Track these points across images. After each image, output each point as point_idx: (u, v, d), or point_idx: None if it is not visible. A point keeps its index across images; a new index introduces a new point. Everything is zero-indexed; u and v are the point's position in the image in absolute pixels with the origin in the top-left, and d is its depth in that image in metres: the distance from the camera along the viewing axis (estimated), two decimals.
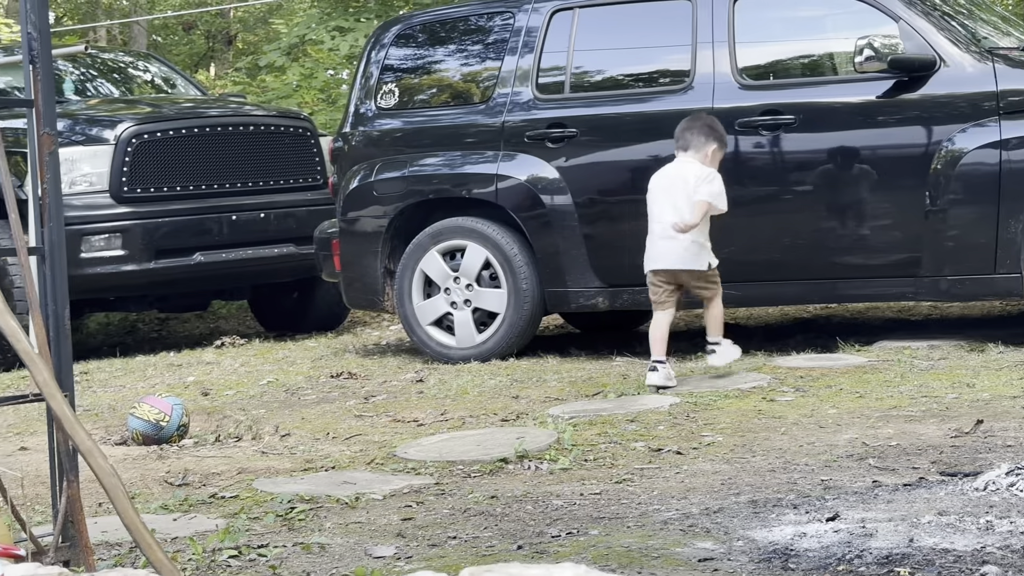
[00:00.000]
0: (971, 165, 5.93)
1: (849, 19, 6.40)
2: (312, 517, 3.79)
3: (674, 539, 3.30)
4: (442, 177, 7.00)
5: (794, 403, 5.07)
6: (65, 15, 22.03)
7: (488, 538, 3.45)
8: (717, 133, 5.75)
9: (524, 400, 5.58)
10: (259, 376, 6.85)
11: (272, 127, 8.64)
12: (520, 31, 6.95)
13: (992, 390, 5.02)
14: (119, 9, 21.44)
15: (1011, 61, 6.06)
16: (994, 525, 3.16)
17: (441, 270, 6.90)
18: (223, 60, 22.86)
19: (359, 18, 13.36)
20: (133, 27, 20.45)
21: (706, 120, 5.80)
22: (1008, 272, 5.93)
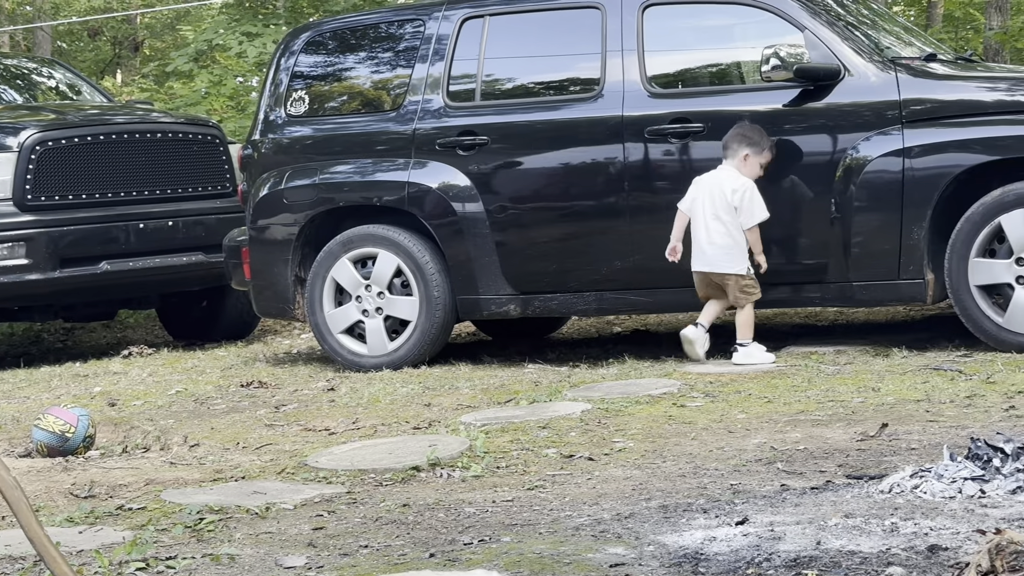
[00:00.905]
0: (875, 173, 6.04)
1: (756, 28, 6.48)
2: (222, 528, 3.75)
3: (586, 545, 3.31)
4: (353, 185, 6.97)
5: (704, 408, 5.12)
6: None
7: (400, 546, 3.44)
8: (749, 139, 6.12)
9: (436, 408, 5.57)
10: (167, 386, 6.76)
11: (180, 134, 8.55)
12: (431, 39, 6.95)
13: (896, 394, 5.11)
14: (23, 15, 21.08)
15: (913, 71, 6.18)
16: (899, 527, 3.22)
17: (352, 278, 6.87)
18: (130, 67, 22.58)
19: (268, 24, 13.27)
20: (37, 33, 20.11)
21: (740, 127, 6.15)
22: (912, 278, 6.04)
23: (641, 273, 6.45)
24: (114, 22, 21.25)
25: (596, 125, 6.52)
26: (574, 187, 6.57)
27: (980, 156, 5.91)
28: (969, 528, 3.15)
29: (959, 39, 15.94)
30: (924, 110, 6.04)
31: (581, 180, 6.55)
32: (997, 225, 5.86)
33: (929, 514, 3.32)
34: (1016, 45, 13.54)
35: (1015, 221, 5.81)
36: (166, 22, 22.58)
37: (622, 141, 6.45)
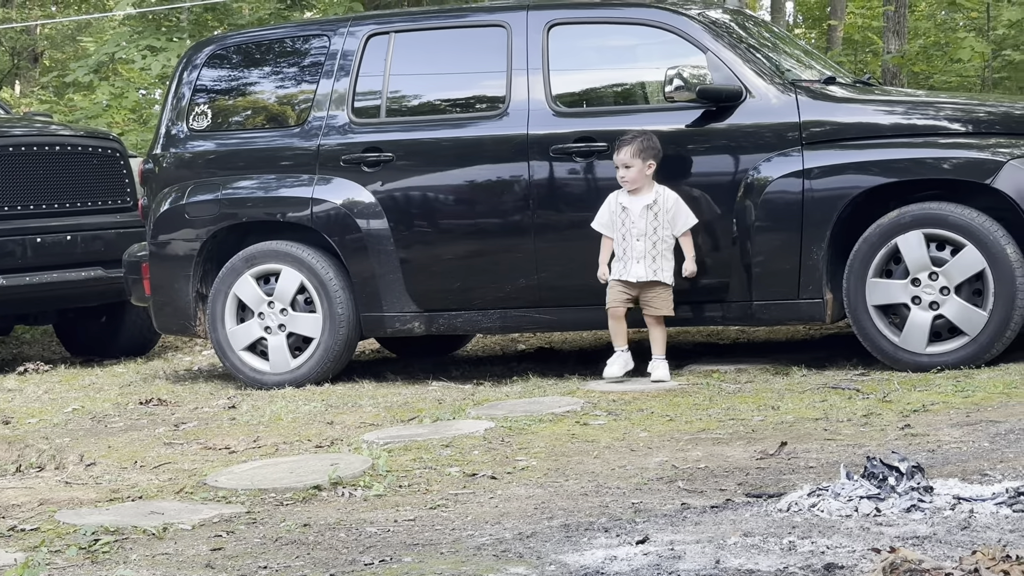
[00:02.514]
0: (775, 193, 6.12)
1: (660, 49, 6.54)
2: (117, 549, 3.68)
3: (487, 564, 3.30)
4: (256, 200, 6.91)
5: (607, 427, 5.14)
6: None
7: (299, 567, 3.40)
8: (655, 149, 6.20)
9: (339, 426, 5.53)
10: (64, 403, 6.64)
11: (79, 147, 8.41)
12: (336, 54, 6.92)
13: (796, 412, 5.17)
14: None
15: (813, 93, 6.27)
16: (796, 545, 3.25)
17: (255, 294, 6.80)
18: (29, 78, 22.19)
19: (171, 38, 13.12)
20: None
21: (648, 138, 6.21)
22: (811, 297, 6.12)
23: (546, 291, 6.47)
24: (13, 32, 20.87)
25: (501, 143, 6.54)
26: (479, 205, 6.58)
27: (878, 178, 6.02)
28: (864, 546, 3.19)
29: (858, 62, 16.26)
30: (823, 132, 6.14)
31: (486, 198, 6.56)
32: (894, 246, 5.96)
33: (826, 532, 3.36)
34: (913, 69, 13.84)
35: (911, 242, 5.93)
36: (67, 33, 22.24)
37: (527, 159, 6.47)
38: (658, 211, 6.16)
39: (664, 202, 6.18)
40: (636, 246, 6.17)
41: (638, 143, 6.14)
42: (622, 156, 6.15)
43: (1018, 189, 5.81)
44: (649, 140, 6.16)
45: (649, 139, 6.16)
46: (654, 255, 6.16)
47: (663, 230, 6.17)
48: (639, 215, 6.16)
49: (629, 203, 6.19)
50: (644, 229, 6.15)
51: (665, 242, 6.17)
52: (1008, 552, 2.89)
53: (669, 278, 6.18)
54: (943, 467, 4.06)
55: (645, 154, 6.13)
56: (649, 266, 6.16)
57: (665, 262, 6.18)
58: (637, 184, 6.14)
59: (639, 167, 6.13)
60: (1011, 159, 5.85)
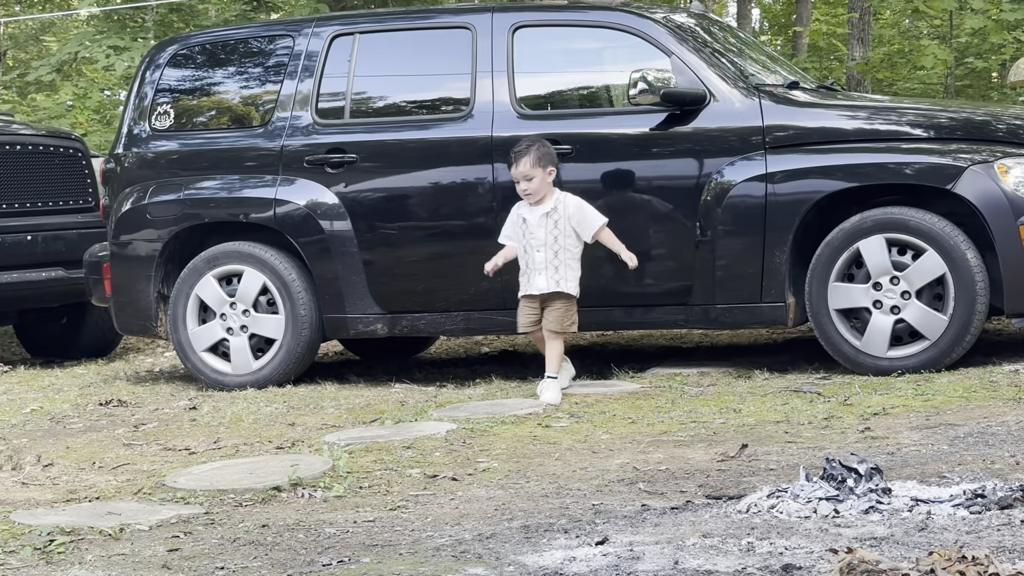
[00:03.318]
0: (738, 197, 6.13)
1: (625, 52, 6.55)
2: (72, 550, 3.65)
3: (446, 565, 3.29)
4: (219, 201, 6.87)
5: (569, 429, 5.14)
6: None
7: (257, 568, 3.38)
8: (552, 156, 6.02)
9: (300, 427, 5.50)
10: (23, 404, 6.58)
11: (40, 146, 8.34)
12: (300, 55, 6.89)
13: (757, 415, 5.18)
14: None
15: (776, 98, 6.29)
16: (755, 546, 3.26)
17: (217, 295, 6.76)
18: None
19: (136, 38, 13.05)
20: None
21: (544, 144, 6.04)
22: (774, 301, 6.14)
23: (509, 293, 6.45)
24: None
25: (466, 145, 6.53)
26: (443, 207, 6.56)
27: (840, 183, 6.04)
28: (823, 547, 3.20)
29: (823, 69, 16.34)
30: (787, 136, 6.16)
31: (450, 200, 6.54)
32: (856, 251, 5.99)
33: (784, 533, 3.37)
34: (877, 75, 13.93)
35: (873, 247, 5.95)
36: (30, 32, 22.07)
37: (491, 161, 6.46)
38: (558, 218, 5.93)
39: (565, 208, 5.95)
40: (537, 257, 5.94)
41: (535, 152, 5.92)
42: (521, 168, 5.94)
43: (979, 194, 5.85)
44: (545, 146, 5.97)
45: (544, 145, 5.97)
46: (556, 265, 5.92)
47: (565, 238, 5.93)
48: (537, 224, 5.95)
49: (528, 213, 5.99)
50: (544, 239, 5.93)
51: (568, 251, 5.94)
52: (964, 553, 2.90)
53: (573, 289, 5.95)
54: (902, 469, 4.08)
55: (544, 161, 5.93)
56: (551, 277, 5.92)
57: (569, 272, 5.94)
58: (541, 194, 5.94)
59: (540, 176, 5.93)
60: (972, 165, 5.88)
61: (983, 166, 5.88)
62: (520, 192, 5.97)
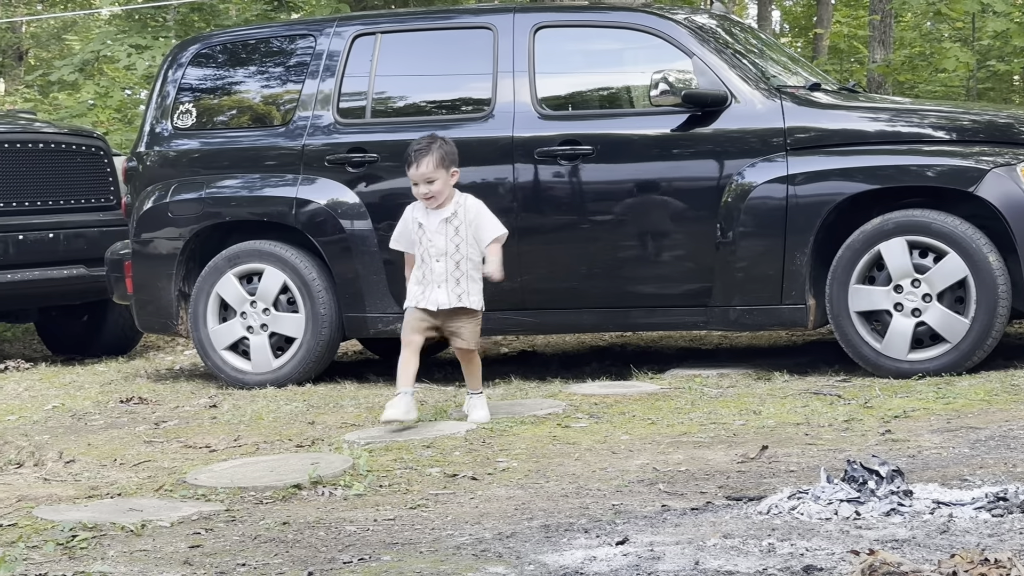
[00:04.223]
0: (759, 199, 6.12)
1: (646, 53, 6.55)
2: (95, 545, 3.67)
3: (466, 564, 3.30)
4: (240, 199, 6.89)
5: (588, 429, 5.14)
6: None
7: (278, 565, 3.39)
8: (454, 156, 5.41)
9: (320, 426, 5.52)
10: (44, 401, 6.61)
11: (63, 145, 8.38)
12: (322, 55, 6.91)
13: (777, 417, 5.18)
14: None
15: (798, 99, 6.28)
16: (776, 547, 3.25)
17: (237, 294, 6.78)
18: (14, 76, 22.11)
19: (157, 37, 13.10)
20: None
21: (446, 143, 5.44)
22: (794, 303, 6.13)
23: (529, 294, 6.46)
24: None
25: (486, 145, 6.53)
26: None
27: (861, 185, 6.03)
28: (844, 549, 3.19)
29: (844, 71, 16.31)
30: (808, 138, 6.15)
31: None
32: (876, 253, 5.97)
33: (805, 535, 3.37)
34: (898, 78, 13.89)
35: (894, 249, 5.94)
36: (52, 31, 22.17)
37: (512, 162, 6.47)
38: (459, 225, 5.30)
39: (465, 213, 5.32)
40: (436, 268, 5.29)
41: (438, 152, 5.29)
42: (422, 169, 5.28)
43: (1001, 197, 5.83)
44: (448, 145, 5.37)
45: (447, 144, 5.37)
46: (457, 277, 5.30)
47: (467, 247, 5.30)
48: (436, 231, 5.30)
49: (425, 218, 5.34)
50: (444, 247, 5.29)
51: (471, 261, 5.31)
52: (986, 555, 2.89)
53: (477, 303, 5.35)
54: (923, 472, 4.07)
55: (447, 162, 5.31)
56: (452, 291, 5.30)
57: (472, 284, 5.33)
58: (443, 198, 5.31)
59: (444, 179, 5.30)
60: (994, 167, 5.87)
61: (1005, 169, 5.86)
62: (418, 196, 5.34)
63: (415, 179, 5.33)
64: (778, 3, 23.11)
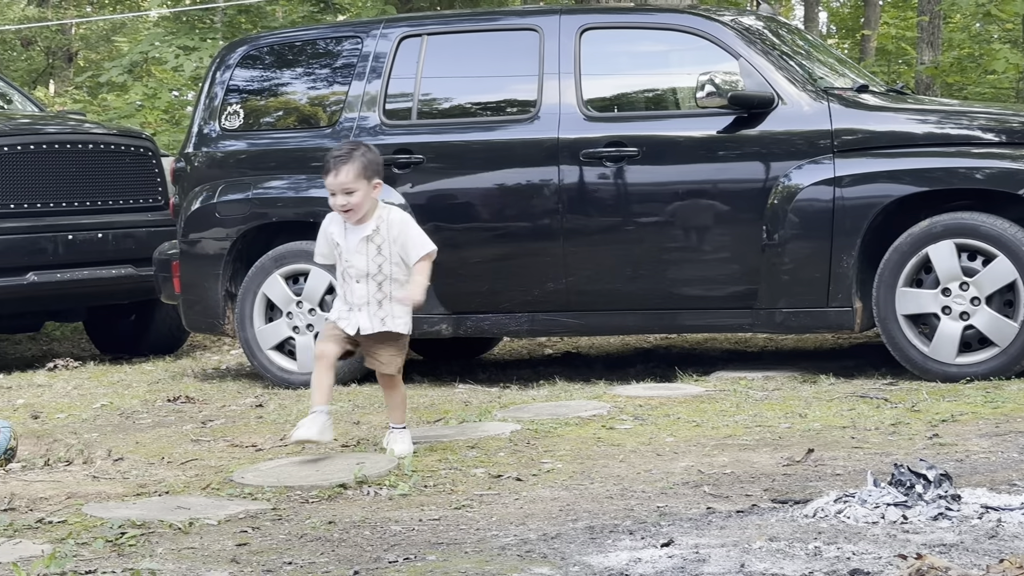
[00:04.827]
0: (806, 201, 6.10)
1: (692, 55, 6.54)
2: (143, 542, 3.70)
3: (511, 564, 3.30)
4: (287, 200, 6.93)
5: (633, 431, 5.13)
6: None
7: (324, 564, 3.41)
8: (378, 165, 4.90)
9: (365, 426, 5.54)
10: (92, 399, 6.67)
11: (112, 145, 8.46)
12: (368, 56, 6.94)
13: (823, 420, 5.15)
14: None
15: (845, 101, 6.25)
16: (822, 551, 3.24)
17: (284, 294, 6.82)
18: (63, 77, 22.34)
19: (205, 38, 13.20)
20: None
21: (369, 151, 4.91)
22: (840, 306, 6.10)
23: (574, 295, 6.46)
24: (48, 32, 21.03)
25: (532, 147, 6.54)
26: (508, 208, 6.58)
27: (909, 187, 5.99)
28: (891, 553, 3.17)
29: (891, 72, 16.21)
30: (855, 140, 6.11)
31: (515, 201, 6.56)
32: (924, 255, 5.93)
33: (852, 539, 3.35)
34: (947, 79, 13.78)
35: (942, 252, 5.90)
36: (101, 33, 22.38)
37: (557, 163, 6.47)
38: (382, 242, 4.79)
39: (388, 229, 4.80)
40: (356, 290, 4.80)
41: (360, 160, 4.75)
42: (341, 178, 4.74)
43: None
44: (371, 153, 4.84)
45: (370, 151, 4.84)
46: (380, 299, 4.79)
47: (391, 266, 4.80)
48: (356, 250, 4.80)
49: (344, 236, 4.83)
50: (365, 268, 4.79)
51: (396, 281, 4.80)
52: None
53: (403, 326, 4.84)
54: (971, 476, 4.04)
55: (369, 171, 4.77)
56: (374, 315, 4.80)
57: (397, 306, 4.81)
58: (363, 211, 4.79)
59: (364, 190, 4.77)
60: None
61: None
62: (335, 207, 4.81)
63: (332, 188, 4.77)
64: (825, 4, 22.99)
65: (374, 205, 4.84)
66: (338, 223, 4.86)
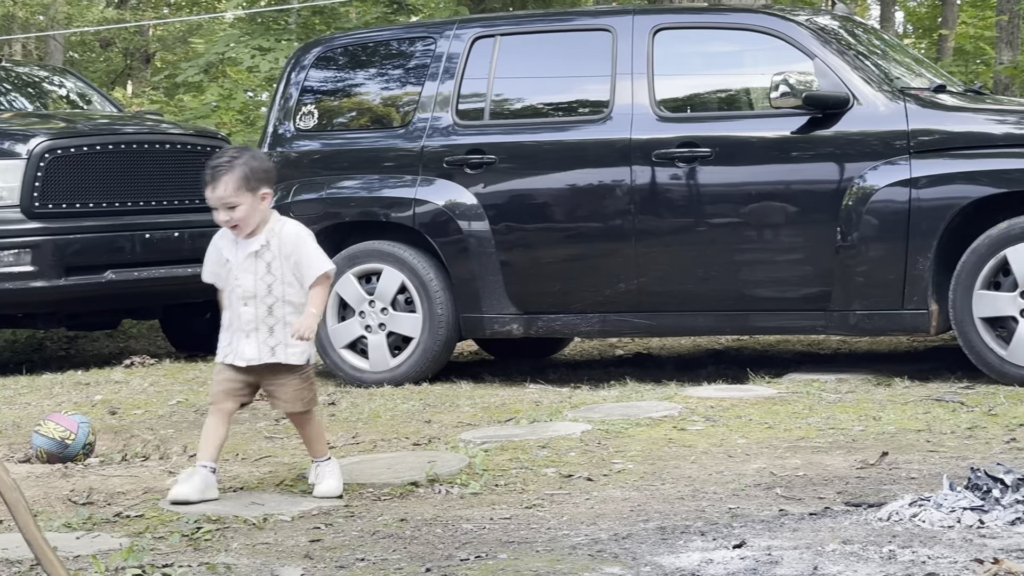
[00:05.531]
0: (881, 202, 6.04)
1: (766, 55, 6.50)
2: (218, 537, 3.75)
3: (582, 564, 3.30)
4: (359, 200, 6.98)
5: (704, 432, 5.11)
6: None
7: (396, 560, 3.43)
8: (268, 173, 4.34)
9: (436, 425, 5.57)
10: (168, 396, 6.76)
11: (188, 145, 8.56)
12: (441, 57, 6.97)
13: (898, 423, 5.10)
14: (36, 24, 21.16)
15: (922, 101, 6.18)
16: (896, 554, 3.21)
17: (356, 293, 6.87)
18: (141, 78, 22.65)
19: (279, 39, 13.32)
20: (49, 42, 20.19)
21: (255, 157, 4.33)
22: (915, 308, 6.03)
23: (645, 296, 6.45)
24: (126, 33, 21.34)
25: (604, 147, 6.54)
26: (580, 208, 6.58)
27: (987, 188, 5.91)
28: (967, 557, 3.14)
29: (969, 72, 15.99)
30: (932, 141, 6.04)
31: (587, 201, 6.56)
32: (1002, 258, 5.85)
33: (927, 543, 3.32)
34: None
35: (1020, 254, 5.81)
36: (178, 35, 22.66)
37: (629, 164, 6.46)
38: (272, 259, 4.24)
39: (280, 245, 4.24)
40: (244, 314, 4.23)
41: (241, 169, 4.17)
42: (219, 192, 4.18)
43: None
44: (256, 160, 4.26)
45: (255, 159, 4.27)
46: (271, 325, 4.22)
47: (283, 286, 4.23)
48: (243, 267, 4.24)
49: (233, 251, 4.28)
50: (253, 288, 4.23)
51: (290, 304, 4.23)
52: None
53: (297, 356, 4.24)
54: None
55: (254, 182, 4.19)
56: (264, 342, 4.22)
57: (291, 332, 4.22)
58: (251, 226, 4.22)
59: (249, 203, 4.19)
60: None
61: None
62: (221, 224, 4.27)
63: (212, 203, 4.23)
64: (902, 4, 22.74)
65: (265, 218, 4.25)
66: (229, 237, 4.29)
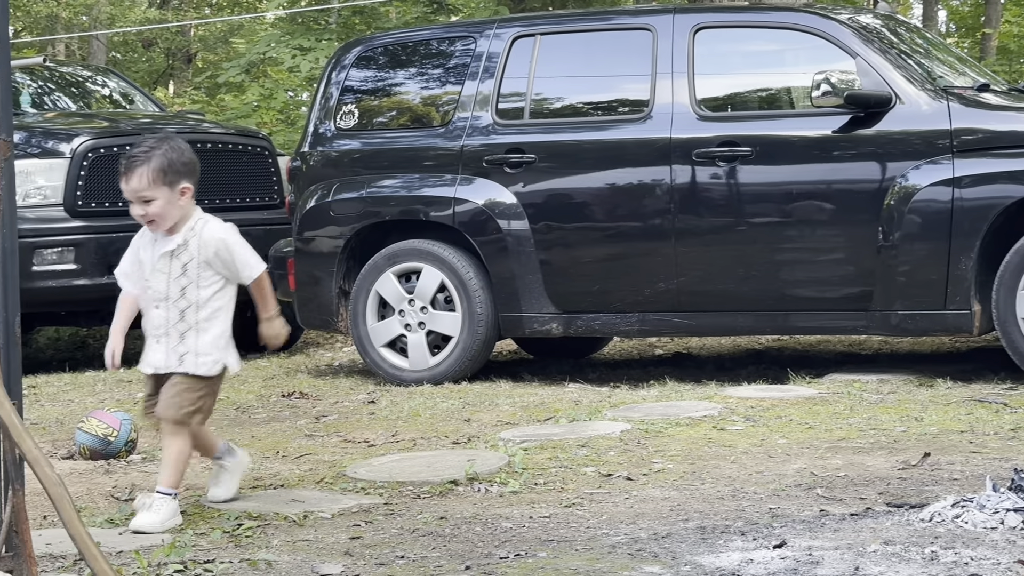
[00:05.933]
0: (924, 202, 6.00)
1: (807, 54, 6.46)
2: (259, 534, 3.77)
3: (622, 563, 3.30)
4: (400, 199, 7.00)
5: (744, 432, 5.10)
6: (24, 28, 21.91)
7: (436, 558, 3.44)
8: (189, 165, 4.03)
9: (476, 423, 5.57)
10: None
11: (230, 145, 8.61)
12: (481, 56, 6.98)
13: (940, 424, 5.07)
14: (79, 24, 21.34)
15: (965, 100, 6.14)
16: (939, 556, 3.19)
17: (396, 292, 6.89)
18: (182, 78, 22.80)
19: (320, 39, 13.38)
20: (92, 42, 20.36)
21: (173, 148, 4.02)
22: (958, 308, 5.99)
23: (685, 295, 6.43)
24: (168, 34, 21.49)
25: (644, 146, 6.52)
26: (620, 207, 6.57)
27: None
28: (1010, 559, 3.12)
29: (1013, 71, 15.85)
30: (975, 140, 6.00)
31: (627, 201, 6.55)
32: None
33: (970, 544, 3.29)
34: None
35: None
36: (219, 35, 22.79)
37: (670, 163, 6.44)
38: (188, 260, 3.97)
39: (200, 245, 3.97)
40: (154, 317, 4.00)
41: (158, 160, 3.92)
42: (133, 184, 3.93)
43: None
44: (174, 151, 3.97)
45: (174, 150, 3.97)
46: (182, 331, 3.97)
47: (197, 290, 3.98)
48: (156, 267, 3.98)
49: (148, 250, 4.02)
50: (165, 290, 3.98)
51: (203, 309, 3.99)
52: None
53: (207, 367, 4.00)
54: None
55: (171, 175, 3.94)
56: (173, 348, 3.97)
57: (205, 342, 4.01)
58: (169, 222, 3.96)
59: (166, 197, 3.93)
60: None
61: None
62: (135, 218, 4.02)
63: (127, 195, 3.98)
64: (944, 2, 22.57)
65: (186, 215, 3.98)
66: (148, 236, 4.03)
